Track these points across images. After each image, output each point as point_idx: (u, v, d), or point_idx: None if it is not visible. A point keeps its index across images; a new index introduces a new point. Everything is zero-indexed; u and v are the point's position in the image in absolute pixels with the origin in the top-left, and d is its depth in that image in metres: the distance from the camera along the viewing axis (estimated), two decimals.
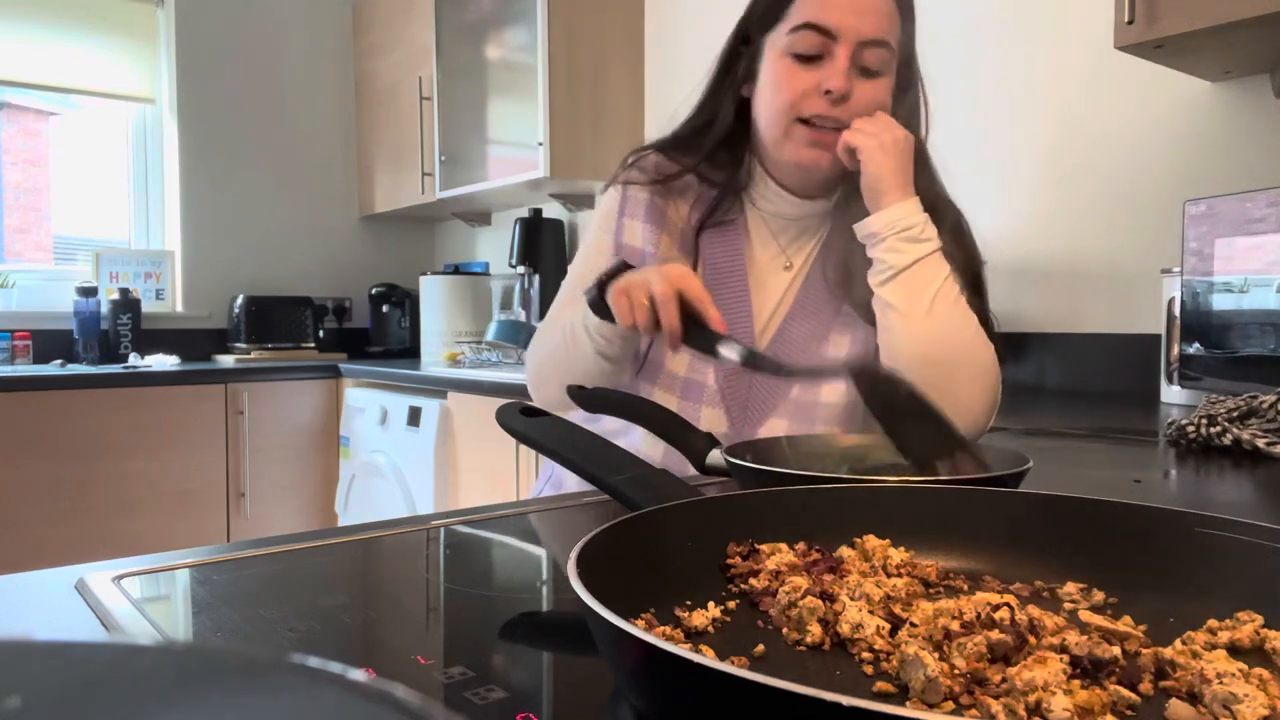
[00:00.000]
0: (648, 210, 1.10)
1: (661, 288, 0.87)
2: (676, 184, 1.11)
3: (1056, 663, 0.34)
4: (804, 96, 1.00)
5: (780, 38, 1.01)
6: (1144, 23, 1.41)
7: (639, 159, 1.13)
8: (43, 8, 3.26)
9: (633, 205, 1.11)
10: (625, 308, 0.90)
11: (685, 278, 0.89)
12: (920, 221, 0.97)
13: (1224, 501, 0.87)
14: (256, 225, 3.61)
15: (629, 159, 1.14)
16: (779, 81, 1.02)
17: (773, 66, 1.03)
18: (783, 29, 1.01)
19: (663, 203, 1.11)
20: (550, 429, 0.67)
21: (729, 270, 1.09)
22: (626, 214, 1.11)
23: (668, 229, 1.10)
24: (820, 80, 0.99)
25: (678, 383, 1.07)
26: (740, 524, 0.52)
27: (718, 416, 1.06)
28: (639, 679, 0.34)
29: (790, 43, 1.00)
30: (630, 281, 0.90)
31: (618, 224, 1.11)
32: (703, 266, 1.09)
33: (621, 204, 1.12)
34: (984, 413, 0.99)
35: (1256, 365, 1.33)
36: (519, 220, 3.07)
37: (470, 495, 2.49)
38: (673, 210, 1.11)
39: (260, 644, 0.44)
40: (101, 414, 2.74)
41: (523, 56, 2.79)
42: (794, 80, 1.00)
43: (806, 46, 0.99)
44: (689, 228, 1.10)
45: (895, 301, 0.97)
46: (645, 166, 1.12)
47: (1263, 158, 1.63)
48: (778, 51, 1.02)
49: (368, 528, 0.67)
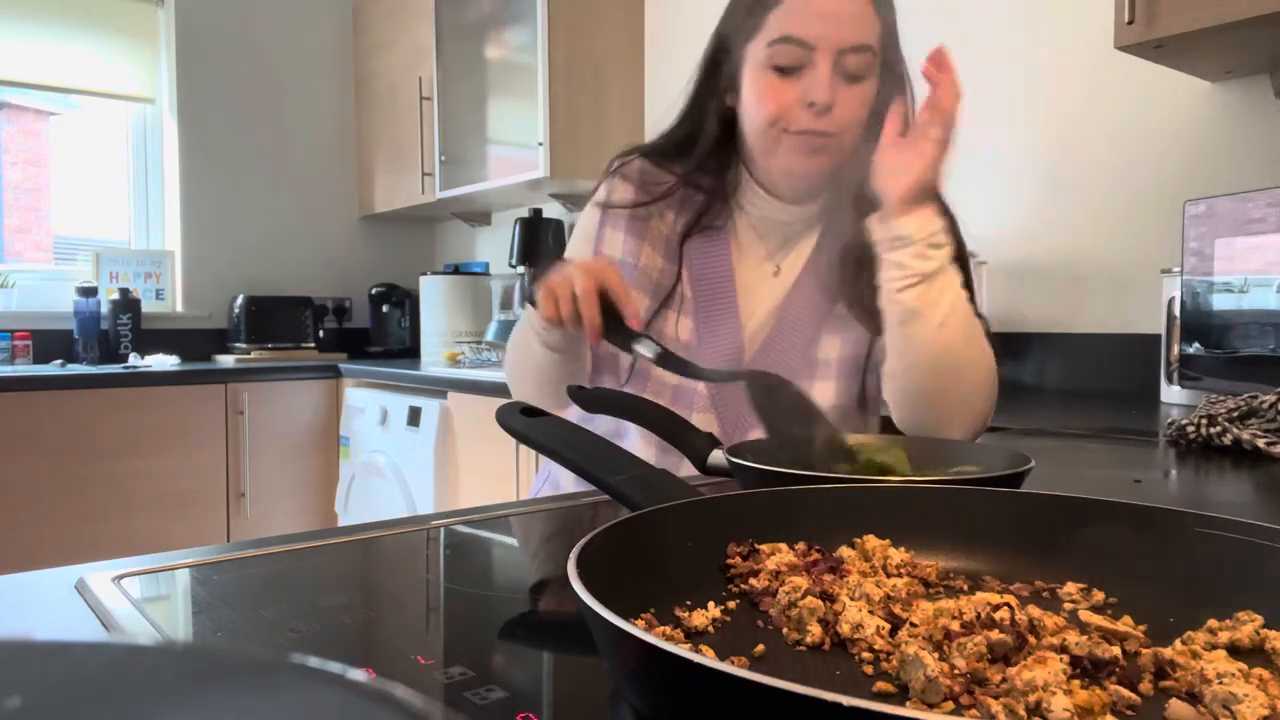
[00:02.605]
0: (629, 220, 1.10)
1: (583, 283, 0.90)
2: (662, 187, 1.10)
3: (1056, 663, 0.34)
4: (787, 110, 0.99)
5: (759, 49, 1.00)
6: (1144, 23, 1.41)
7: (624, 164, 1.12)
8: (43, 8, 3.26)
9: (614, 215, 1.11)
10: (549, 304, 0.93)
11: (605, 272, 0.92)
12: (941, 227, 0.94)
13: (1224, 501, 0.87)
14: (256, 225, 3.61)
15: (614, 164, 1.13)
16: (762, 95, 1.00)
17: (754, 79, 1.01)
18: (761, 41, 1.00)
19: (646, 211, 1.10)
20: (550, 429, 0.67)
21: (716, 276, 1.09)
22: (607, 224, 1.11)
23: (650, 238, 1.10)
24: (803, 92, 0.98)
25: (667, 390, 1.07)
26: (740, 524, 0.52)
27: (709, 422, 1.05)
28: (639, 679, 0.34)
29: (770, 55, 0.99)
30: (552, 279, 0.94)
31: (599, 234, 1.12)
32: (689, 273, 1.09)
33: (603, 213, 1.12)
34: (985, 415, 0.99)
35: (1256, 365, 1.33)
36: (519, 220, 3.07)
37: (470, 495, 2.49)
38: (656, 218, 1.11)
39: (260, 644, 0.44)
40: (102, 414, 2.74)
41: (523, 56, 2.79)
42: (776, 94, 0.99)
43: (786, 59, 0.98)
44: (674, 234, 1.10)
45: (919, 307, 0.92)
46: (630, 173, 1.11)
47: (1263, 158, 1.63)
48: (757, 63, 1.00)
49: (368, 528, 0.67)
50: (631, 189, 1.10)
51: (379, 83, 3.61)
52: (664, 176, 1.10)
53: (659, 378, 1.08)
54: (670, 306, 1.08)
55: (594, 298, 0.90)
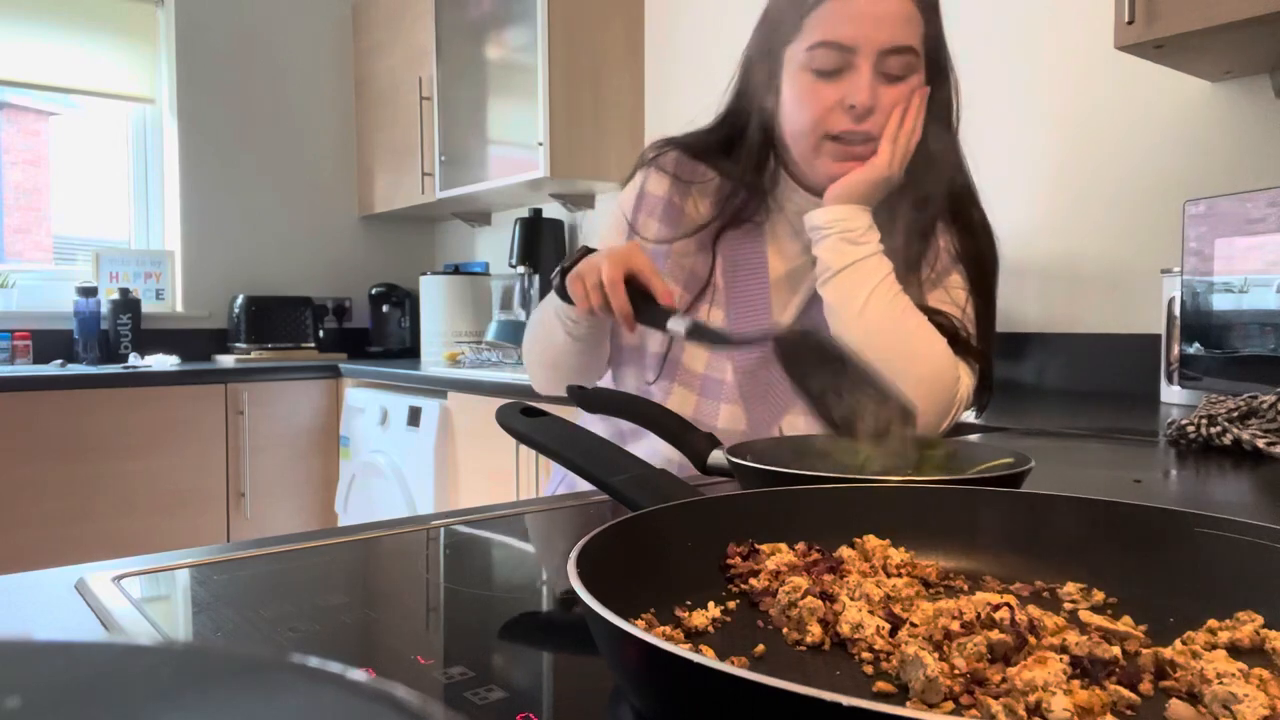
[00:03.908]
0: (665, 208, 1.10)
1: (610, 271, 0.92)
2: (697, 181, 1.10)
3: (1056, 663, 0.34)
4: (828, 113, 0.99)
5: (799, 53, 0.99)
6: (1144, 23, 1.41)
7: (660, 154, 1.12)
8: (43, 8, 3.26)
9: (650, 203, 1.11)
10: (580, 293, 0.95)
11: (632, 257, 0.93)
12: (863, 226, 0.99)
13: (1224, 501, 0.87)
14: (256, 225, 3.61)
15: (649, 154, 1.13)
16: (801, 99, 1.00)
17: (794, 82, 1.00)
18: (800, 44, 0.99)
19: (680, 201, 1.10)
20: (550, 429, 0.67)
21: (750, 269, 1.09)
22: (643, 211, 1.11)
23: (685, 228, 1.10)
24: (844, 95, 0.97)
25: (697, 380, 1.07)
26: (740, 524, 0.52)
27: (737, 413, 1.05)
28: (639, 679, 0.34)
29: (809, 59, 0.98)
30: (582, 268, 0.96)
31: (632, 220, 1.11)
32: (723, 264, 1.09)
33: (638, 200, 1.11)
34: (934, 414, 0.98)
35: (1256, 365, 1.33)
36: (519, 220, 3.07)
37: (470, 495, 2.49)
38: (691, 207, 1.10)
39: (260, 644, 0.44)
40: (101, 414, 2.74)
41: (523, 56, 2.79)
42: (817, 97, 0.99)
43: (826, 63, 0.97)
44: (710, 226, 1.09)
45: (832, 301, 1.00)
46: (665, 165, 1.11)
47: (1263, 158, 1.63)
48: (797, 66, 1.00)
49: (368, 528, 0.67)
50: (667, 180, 1.11)
51: (379, 83, 3.61)
52: (701, 169, 1.10)
53: (688, 368, 1.08)
54: (703, 298, 1.09)
55: (621, 286, 0.92)
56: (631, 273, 0.93)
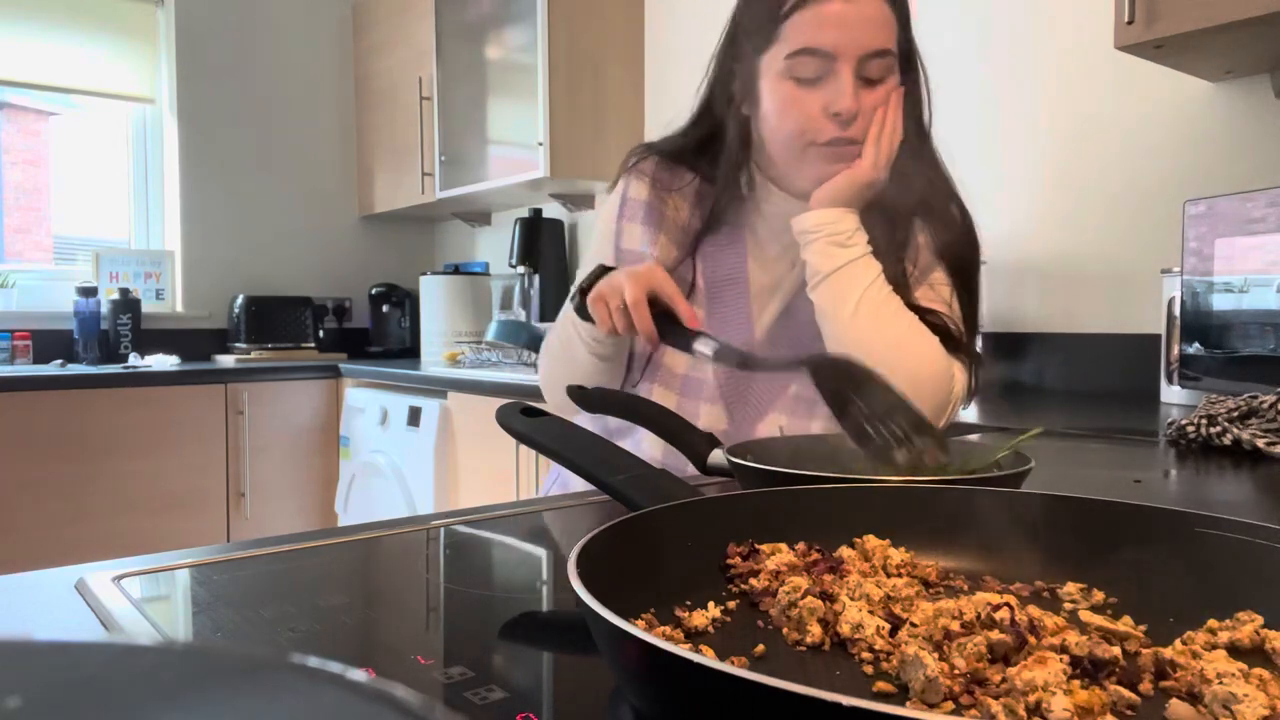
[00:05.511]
0: (646, 212, 1.11)
1: (633, 292, 0.91)
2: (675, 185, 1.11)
3: (1056, 663, 0.34)
4: (812, 121, 0.98)
5: (777, 60, 0.98)
6: (1144, 23, 1.41)
7: (639, 161, 1.13)
8: (43, 8, 3.26)
9: (631, 208, 1.12)
10: (604, 314, 0.94)
11: (655, 277, 0.93)
12: (850, 229, 0.99)
13: (1224, 501, 0.87)
14: (256, 225, 3.61)
15: (630, 160, 1.14)
16: (784, 108, 0.99)
17: (774, 91, 0.99)
18: (778, 51, 0.98)
19: (661, 203, 1.11)
20: (550, 429, 0.67)
21: (730, 271, 1.09)
22: (625, 218, 1.12)
23: (665, 228, 1.10)
24: (827, 103, 0.97)
25: (677, 380, 1.08)
26: (740, 524, 0.52)
27: (717, 413, 1.06)
28: (639, 679, 0.34)
29: (789, 67, 0.97)
30: (603, 289, 0.94)
31: (617, 228, 1.12)
32: (703, 266, 1.09)
33: (621, 208, 1.12)
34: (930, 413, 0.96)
35: (1256, 365, 1.33)
36: (519, 220, 3.07)
37: (470, 495, 2.49)
38: (671, 209, 1.11)
39: (260, 644, 0.44)
40: (101, 414, 2.74)
41: (523, 56, 2.79)
42: (799, 106, 0.98)
43: (807, 70, 0.96)
44: (690, 229, 1.10)
45: (823, 304, 1.00)
46: (645, 170, 1.12)
47: (1263, 158, 1.63)
48: (776, 74, 0.99)
49: (368, 528, 0.67)
50: (647, 185, 1.11)
51: (379, 83, 3.61)
52: (680, 173, 1.11)
53: (669, 369, 1.08)
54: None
55: (645, 307, 0.91)
56: (654, 293, 0.92)
